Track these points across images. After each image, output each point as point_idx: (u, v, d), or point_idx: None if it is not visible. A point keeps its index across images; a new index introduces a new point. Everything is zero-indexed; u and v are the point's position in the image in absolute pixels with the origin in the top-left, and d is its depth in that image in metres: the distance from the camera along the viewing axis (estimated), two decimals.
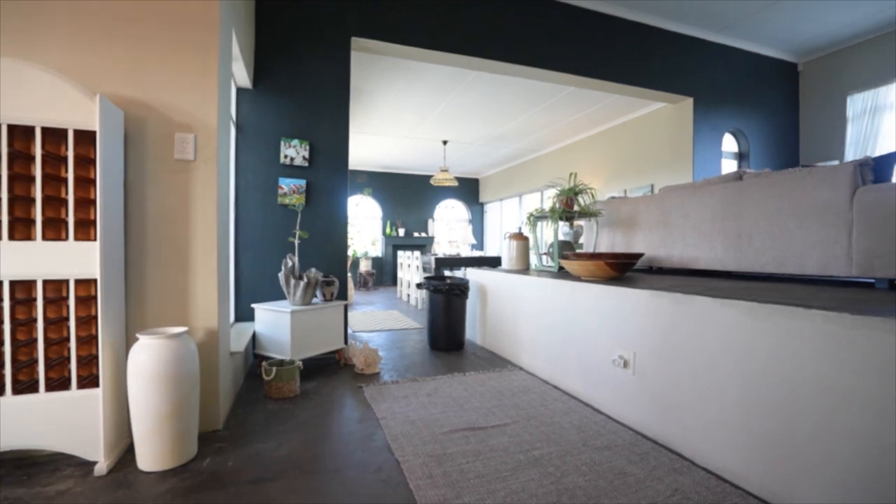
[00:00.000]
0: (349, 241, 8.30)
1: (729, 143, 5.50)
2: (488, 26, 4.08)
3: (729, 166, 5.50)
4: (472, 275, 4.11)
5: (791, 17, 4.75)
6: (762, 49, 5.44)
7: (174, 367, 1.67)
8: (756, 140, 5.52)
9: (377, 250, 10.59)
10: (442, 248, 10.22)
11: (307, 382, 2.82)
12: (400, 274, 8.02)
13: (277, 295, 3.23)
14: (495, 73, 4.47)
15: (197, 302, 1.99)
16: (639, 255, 3.25)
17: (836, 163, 4.92)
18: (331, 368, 3.17)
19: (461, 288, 3.72)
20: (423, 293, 6.76)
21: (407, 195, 10.69)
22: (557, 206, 3.79)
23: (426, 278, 3.98)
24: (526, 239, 4.10)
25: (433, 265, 6.20)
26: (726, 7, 4.54)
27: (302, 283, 2.85)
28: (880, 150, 5.09)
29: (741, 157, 5.57)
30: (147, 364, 1.64)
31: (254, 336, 3.00)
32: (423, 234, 10.72)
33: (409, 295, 7.41)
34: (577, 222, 3.85)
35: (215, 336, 2.03)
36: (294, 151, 3.36)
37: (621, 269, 2.63)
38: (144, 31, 1.92)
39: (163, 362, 1.65)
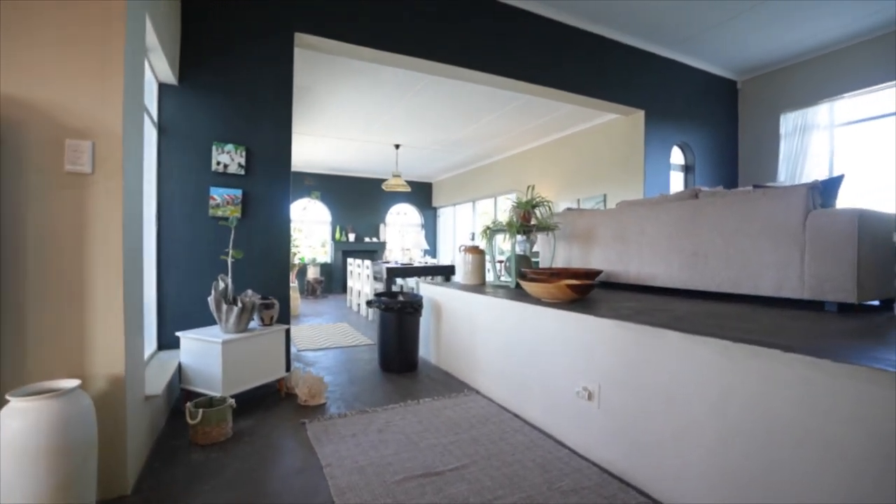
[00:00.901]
0: (295, 248, 7.84)
1: (676, 156, 5.66)
2: (444, 30, 3.89)
3: (676, 178, 5.65)
4: (426, 290, 3.91)
5: (733, 38, 4.94)
6: (707, 66, 5.64)
7: (60, 437, 1.34)
8: (701, 153, 5.71)
9: (326, 256, 10.14)
10: (394, 255, 9.94)
11: (242, 420, 2.50)
12: (350, 282, 7.67)
13: (210, 319, 2.87)
14: (450, 79, 4.30)
15: (96, 344, 1.65)
16: (598, 272, 3.19)
17: (783, 181, 5.16)
18: (271, 400, 2.86)
19: (414, 306, 3.51)
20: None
21: (358, 199, 10.32)
22: (515, 219, 3.67)
23: (377, 295, 3.73)
24: (482, 252, 3.95)
25: (384, 275, 5.93)
26: (677, 25, 4.63)
27: (236, 309, 2.53)
28: (809, 166, 5.41)
29: (687, 169, 5.75)
30: (23, 435, 1.30)
31: (179, 367, 2.63)
32: (375, 240, 10.39)
33: (359, 305, 7.09)
34: (533, 235, 3.75)
35: (122, 383, 1.69)
36: (228, 158, 3.00)
37: (583, 292, 2.53)
38: (24, 9, 1.56)
39: (44, 431, 1.32)
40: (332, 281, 9.91)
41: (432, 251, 11.11)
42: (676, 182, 5.66)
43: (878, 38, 4.87)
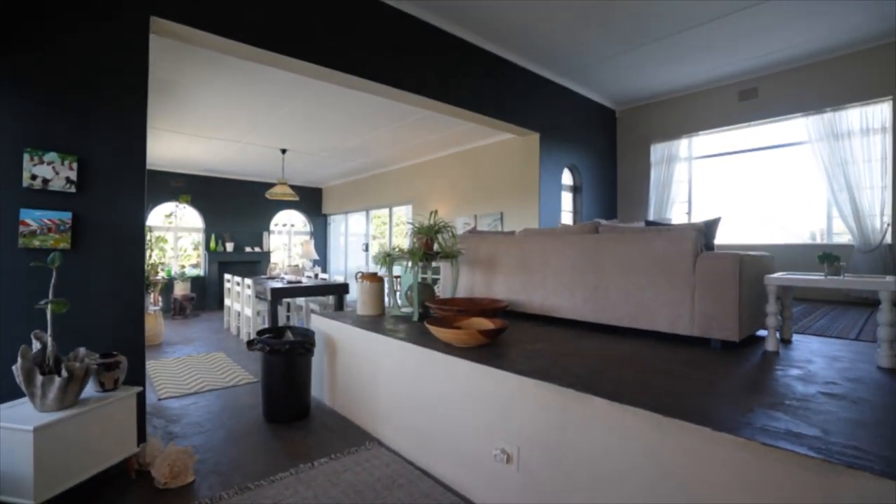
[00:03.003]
0: (159, 262, 6.67)
1: (567, 177, 5.96)
2: (336, 35, 3.52)
3: (566, 198, 5.95)
4: (319, 323, 3.49)
5: (614, 73, 5.33)
6: (593, 95, 6.04)
7: None
8: (587, 176, 6.10)
9: (199, 269, 8.88)
10: (280, 267, 9.07)
11: None
12: (228, 301, 6.76)
13: (20, 390, 2.13)
14: (342, 87, 3.92)
15: None
16: (505, 306, 3.10)
17: (671, 219, 5.67)
18: (118, 484, 2.22)
19: (306, 345, 3.08)
20: (259, 317, 5.75)
21: (238, 204, 9.23)
22: (416, 245, 3.45)
23: (260, 333, 3.22)
24: (380, 280, 3.65)
25: (269, 295, 5.28)
26: (569, 54, 4.84)
27: (58, 381, 1.89)
28: (674, 192, 6.09)
29: (576, 190, 6.09)
30: None
31: None
32: (258, 249, 9.39)
33: (238, 328, 6.27)
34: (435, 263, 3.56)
35: None
36: (50, 171, 2.28)
37: (495, 336, 2.39)
38: None
39: None
40: (206, 297, 8.71)
41: (323, 262, 10.43)
42: (567, 202, 5.96)
43: (724, 87, 5.65)
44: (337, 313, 3.82)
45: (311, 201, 10.44)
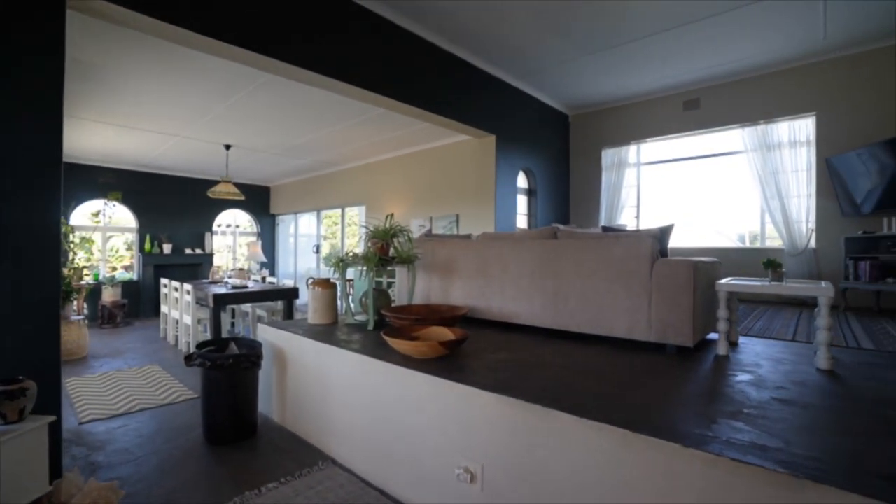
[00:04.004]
0: (86, 264, 6.05)
1: (522, 180, 5.99)
2: (283, 24, 3.30)
3: (522, 202, 5.98)
4: (267, 334, 3.26)
5: (567, 77, 5.42)
6: (547, 99, 6.11)
7: None
8: (541, 179, 6.17)
9: (132, 272, 8.19)
10: (224, 270, 8.55)
11: None
12: (164, 308, 6.25)
13: None
14: (291, 80, 3.70)
15: None
16: (464, 313, 3.03)
17: (626, 226, 5.79)
18: None
19: (252, 358, 2.85)
20: (200, 326, 5.35)
21: (177, 203, 8.59)
22: (371, 250, 3.30)
23: (200, 347, 2.95)
24: (332, 286, 3.47)
25: (211, 302, 4.92)
26: (526, 56, 4.85)
27: None
28: (624, 196, 6.29)
29: (531, 193, 6.14)
30: None
31: None
32: (200, 251, 8.80)
33: (177, 336, 5.81)
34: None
35: None
36: None
37: (455, 347, 2.30)
38: None
39: None
40: (140, 303, 8.04)
41: (271, 264, 9.95)
42: (522, 205, 6.00)
43: (671, 96, 5.90)
44: (286, 322, 3.59)
45: (258, 200, 9.93)
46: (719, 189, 5.85)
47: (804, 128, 5.13)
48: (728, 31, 4.34)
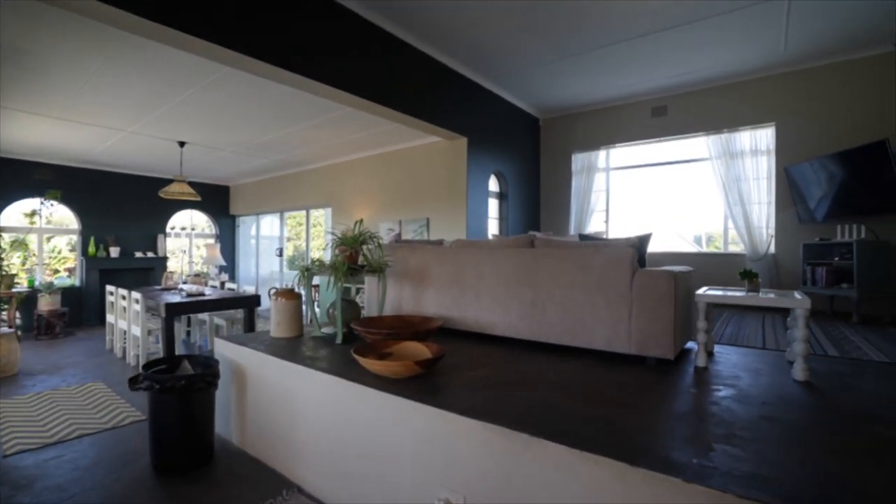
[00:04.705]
0: (17, 268, 5.51)
1: (493, 184, 5.91)
2: (242, 12, 3.07)
3: (493, 205, 5.90)
4: (225, 350, 3.00)
5: (538, 80, 5.38)
6: (519, 102, 6.06)
7: None
8: (513, 183, 6.11)
9: (73, 278, 7.57)
10: (178, 275, 8.05)
11: None
12: (110, 318, 5.77)
13: None
14: (253, 75, 3.46)
15: None
16: (438, 325, 2.89)
17: (601, 233, 5.79)
18: None
19: (207, 378, 2.60)
20: (151, 336, 4.95)
21: (125, 203, 8.01)
22: (339, 258, 3.11)
23: (147, 367, 2.67)
24: (297, 297, 3.25)
25: (163, 312, 4.55)
26: (498, 58, 4.77)
27: None
28: (593, 201, 6.32)
29: (502, 196, 6.07)
30: None
31: None
32: (152, 255, 8.25)
33: (124, 348, 5.37)
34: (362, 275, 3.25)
35: None
36: None
37: (432, 365, 2.16)
38: None
39: None
40: (84, 311, 7.44)
41: (231, 268, 9.47)
42: (493, 209, 5.92)
43: (639, 102, 5.97)
44: (247, 336, 3.33)
45: (216, 201, 9.42)
46: (686, 195, 5.97)
47: (765, 137, 5.30)
48: (693, 41, 4.41)
